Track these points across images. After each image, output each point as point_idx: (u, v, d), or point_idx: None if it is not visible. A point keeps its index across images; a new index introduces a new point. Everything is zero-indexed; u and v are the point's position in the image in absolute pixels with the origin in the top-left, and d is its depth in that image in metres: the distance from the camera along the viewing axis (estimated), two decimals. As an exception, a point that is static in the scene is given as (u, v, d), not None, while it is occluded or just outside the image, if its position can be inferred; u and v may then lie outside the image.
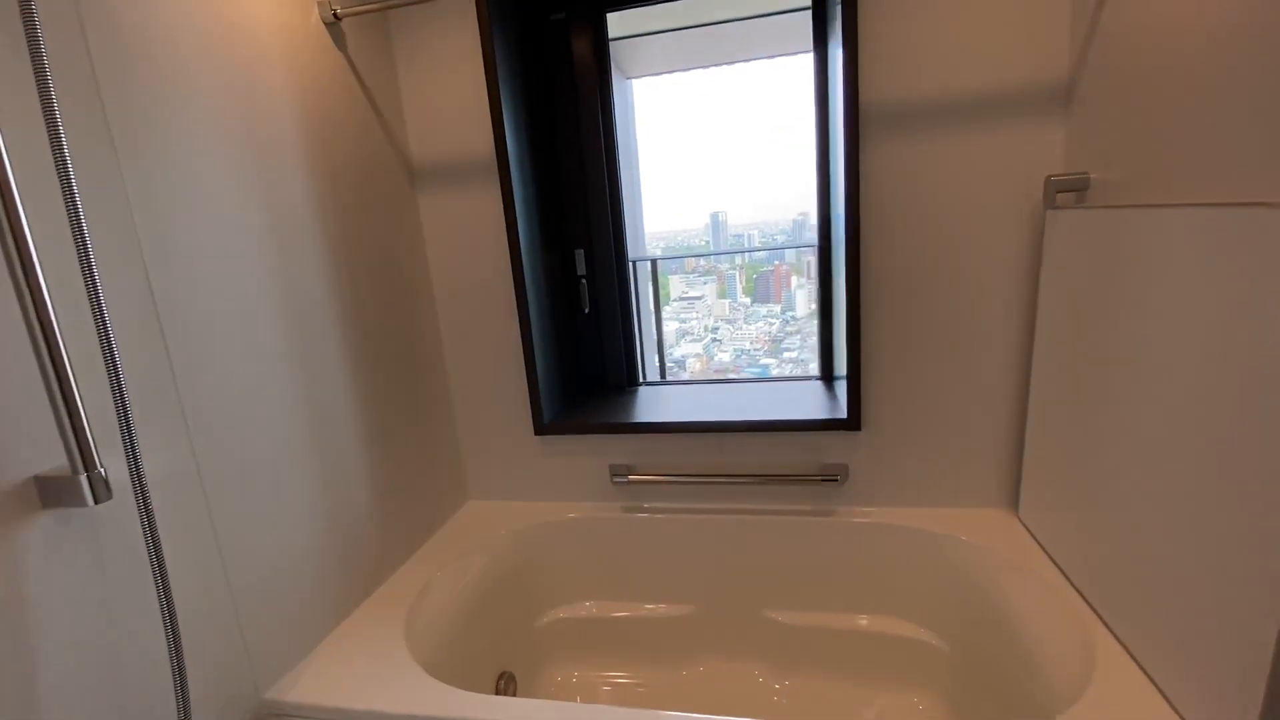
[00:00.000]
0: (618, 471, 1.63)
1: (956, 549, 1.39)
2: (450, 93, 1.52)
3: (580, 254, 1.84)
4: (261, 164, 1.11)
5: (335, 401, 1.27)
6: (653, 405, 1.72)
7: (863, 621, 1.50)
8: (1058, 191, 1.21)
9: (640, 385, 1.94)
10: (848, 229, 1.37)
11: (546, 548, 1.64)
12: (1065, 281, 1.20)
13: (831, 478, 1.48)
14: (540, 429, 1.64)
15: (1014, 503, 1.46)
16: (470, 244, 1.60)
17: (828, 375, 1.81)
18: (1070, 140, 1.25)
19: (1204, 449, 0.85)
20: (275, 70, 1.15)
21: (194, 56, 0.99)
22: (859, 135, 1.32)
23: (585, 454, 1.67)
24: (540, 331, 1.64)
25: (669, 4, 1.71)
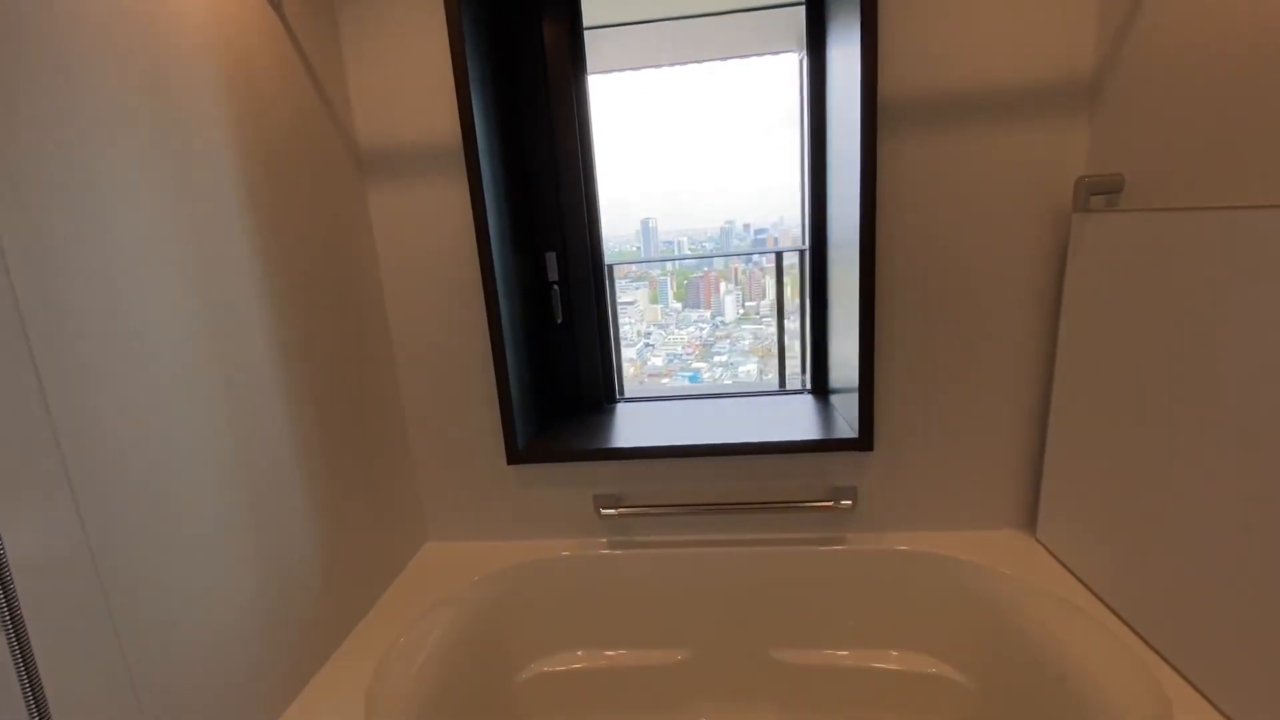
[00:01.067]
0: (604, 502, 1.44)
1: (977, 575, 1.30)
2: (405, 68, 1.30)
3: (552, 257, 1.64)
4: (175, 149, 0.87)
5: (269, 437, 1.03)
6: (637, 425, 1.55)
7: (879, 658, 1.38)
8: (1091, 194, 1.13)
9: (619, 401, 1.77)
10: (863, 233, 1.25)
11: (525, 592, 1.44)
12: (1094, 289, 1.13)
13: (841, 502, 1.36)
14: (514, 457, 1.43)
15: (1031, 523, 1.38)
16: (430, 243, 1.38)
17: (820, 388, 1.70)
18: (1095, 140, 1.18)
19: (1260, 464, 0.80)
20: (193, 37, 0.91)
21: (71, 21, 0.75)
22: (876, 132, 1.20)
23: (566, 484, 1.48)
24: (513, 345, 1.44)
25: None
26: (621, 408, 1.71)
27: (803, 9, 1.53)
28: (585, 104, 1.59)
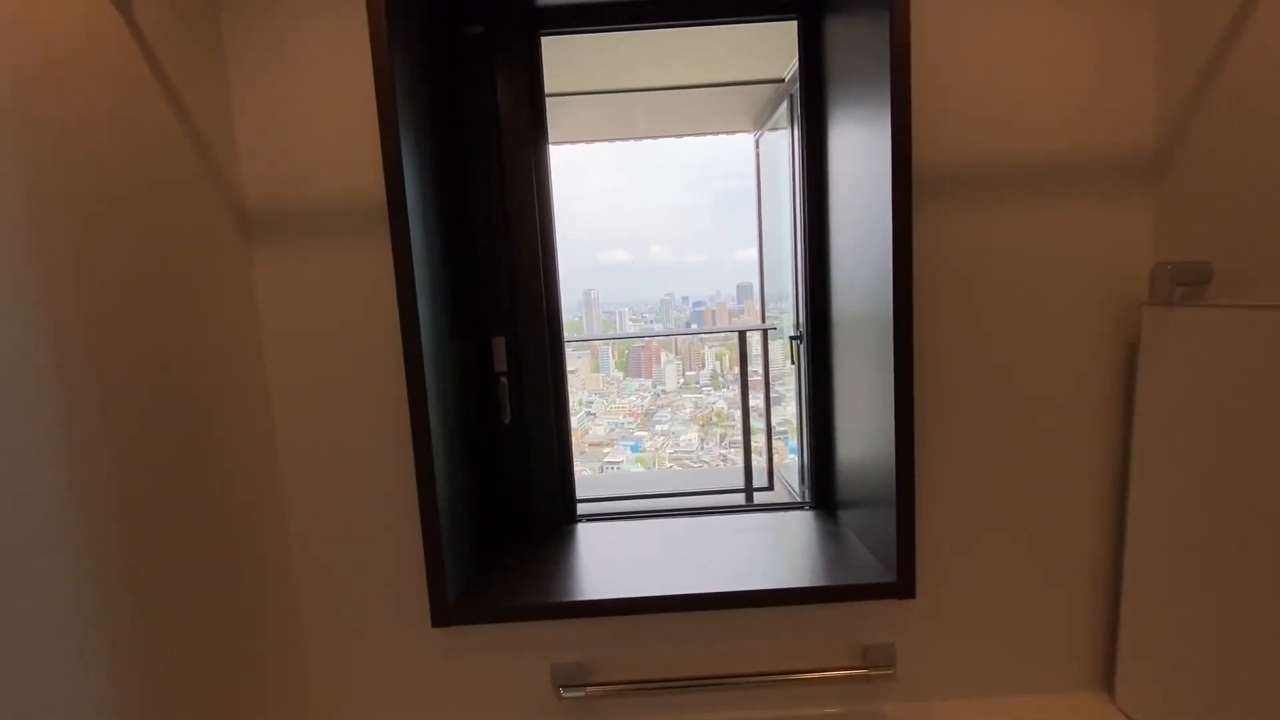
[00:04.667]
0: (565, 676, 1.07)
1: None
2: (313, 103, 1.00)
3: (500, 343, 1.32)
4: None
5: (42, 614, 0.63)
6: (604, 560, 1.20)
7: None
8: (1175, 284, 0.93)
9: (579, 521, 1.42)
10: (897, 323, 1.00)
11: (450, 815, 1.02)
12: (1173, 397, 0.92)
13: (881, 670, 1.05)
14: (442, 616, 1.05)
15: (1108, 683, 1.11)
16: (337, 326, 1.04)
17: (825, 502, 1.41)
18: (1162, 222, 1.00)
19: None
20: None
21: None
22: (911, 212, 0.97)
23: (514, 651, 1.10)
24: (446, 456, 1.09)
25: (610, 57, 1.34)
26: (582, 531, 1.36)
27: (766, 87, 1.35)
28: (545, 171, 1.33)
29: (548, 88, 1.36)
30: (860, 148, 1.08)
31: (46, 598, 0.64)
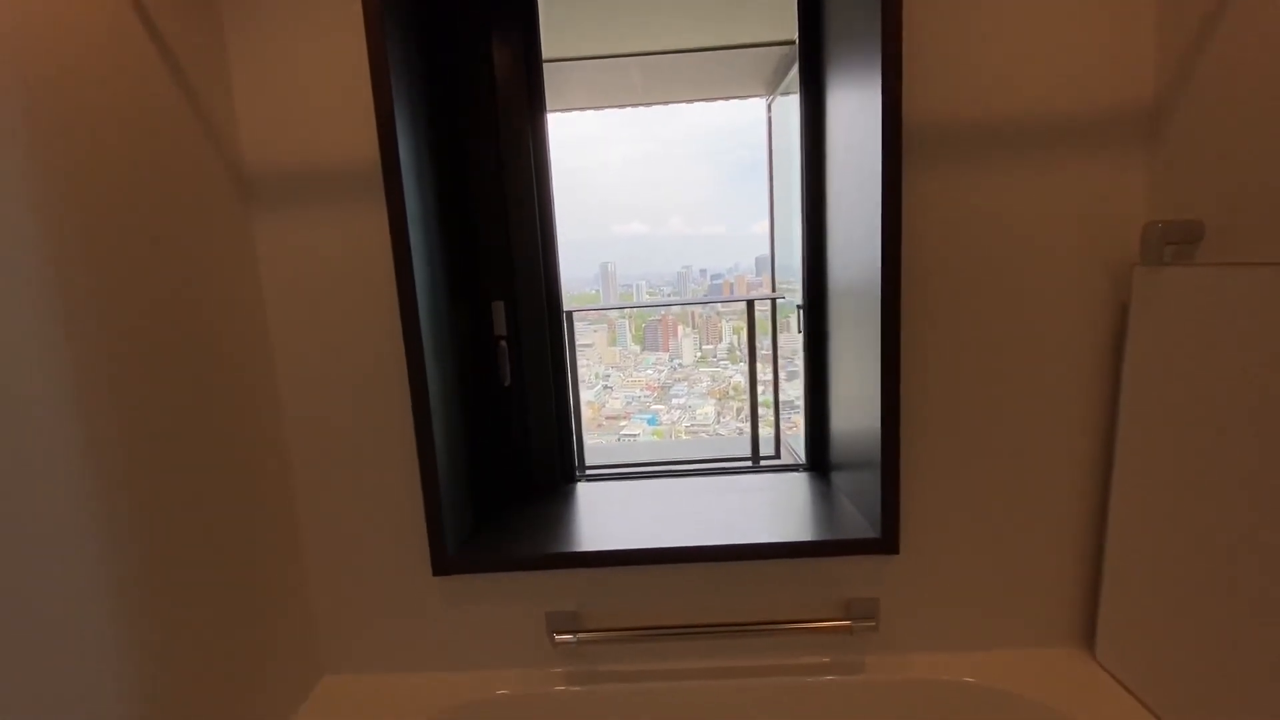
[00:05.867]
0: (559, 624, 1.12)
1: (1026, 709, 1.03)
2: (309, 70, 1.02)
3: (500, 307, 1.35)
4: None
5: (59, 554, 0.69)
6: (600, 516, 1.25)
7: (913, 827, 1.08)
8: (1165, 243, 0.92)
9: (579, 480, 1.46)
10: (885, 288, 1.01)
11: (451, 749, 1.09)
12: (1163, 358, 0.92)
13: (863, 622, 1.08)
14: (441, 565, 1.10)
15: (1089, 639, 1.13)
16: (337, 289, 1.07)
17: (819, 465, 1.43)
18: (1157, 181, 0.99)
19: None
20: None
21: None
22: (900, 173, 0.97)
23: (510, 599, 1.15)
24: (444, 418, 1.13)
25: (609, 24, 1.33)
26: (582, 490, 1.41)
27: (777, 50, 1.34)
28: (543, 138, 1.34)
29: (553, 53, 1.36)
30: (854, 111, 1.07)
31: (65, 539, 0.69)
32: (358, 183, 1.05)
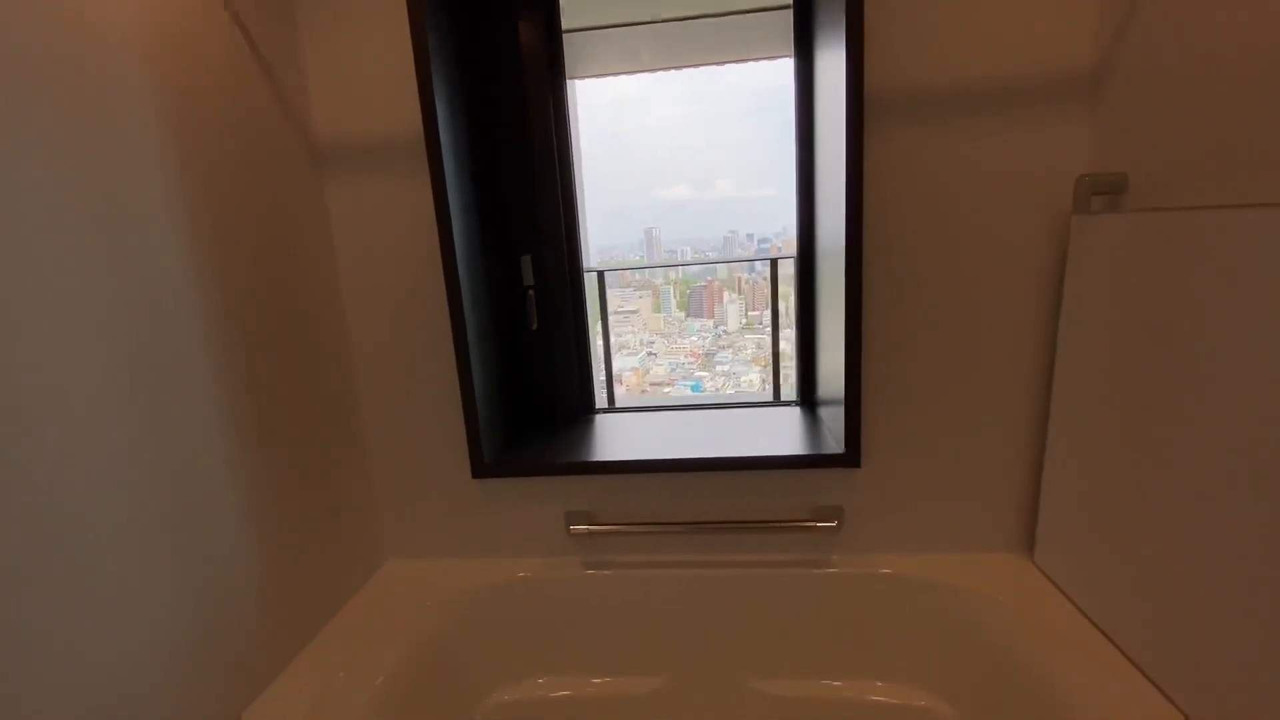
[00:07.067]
0: (575, 519, 1.36)
1: (969, 601, 1.21)
2: (367, 59, 1.23)
3: (527, 261, 1.57)
4: (91, 143, 0.79)
5: (200, 447, 0.95)
6: (612, 438, 1.47)
7: (867, 689, 1.29)
8: (1092, 193, 1.05)
9: (596, 413, 1.68)
10: (849, 239, 1.17)
11: (488, 614, 1.35)
12: (1094, 295, 1.05)
13: (827, 522, 1.27)
14: (480, 470, 1.35)
15: (1029, 545, 1.29)
16: (393, 243, 1.30)
17: (808, 400, 1.61)
18: (1097, 138, 1.11)
19: (1271, 484, 0.73)
20: (120, 21, 0.84)
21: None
22: (862, 133, 1.12)
23: (535, 499, 1.39)
24: (480, 352, 1.36)
25: None
26: (600, 420, 1.63)
27: (790, 12, 1.47)
28: (563, 105, 1.52)
29: (577, 22, 1.53)
30: (830, 73, 1.21)
31: (201, 427, 0.96)
32: (407, 151, 1.27)
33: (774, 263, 3.07)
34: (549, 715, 1.35)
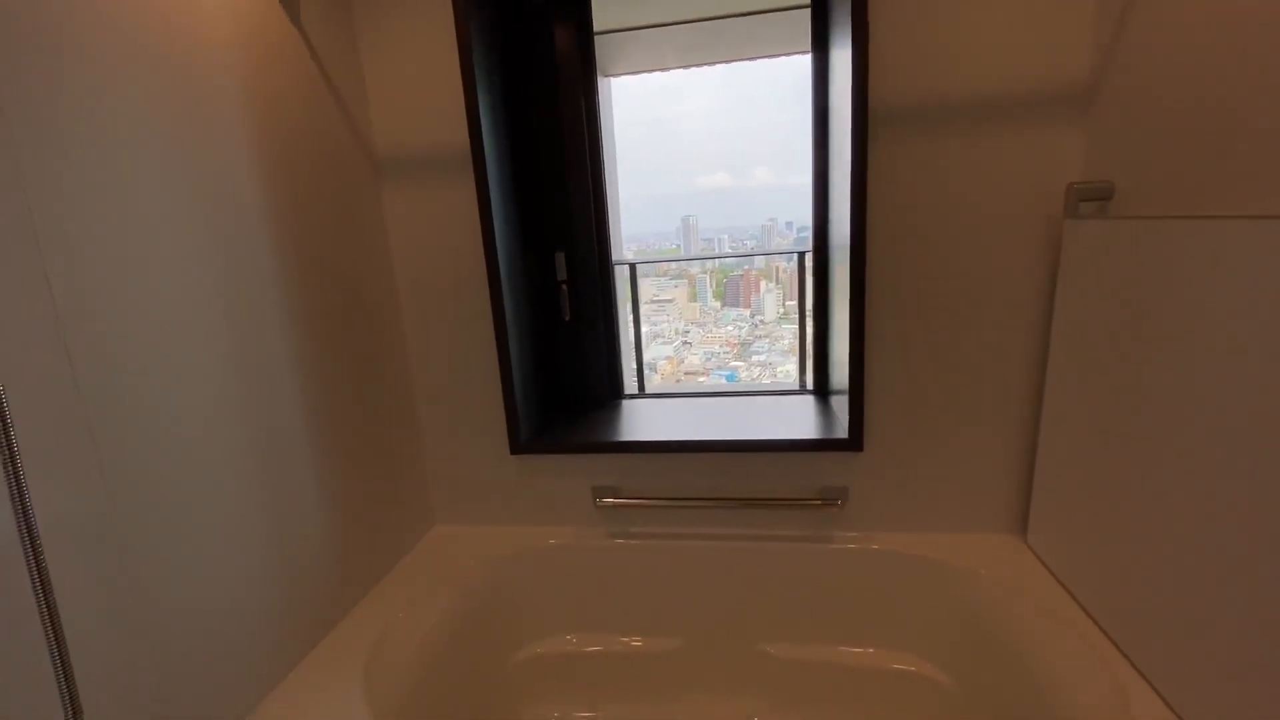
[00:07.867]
0: (602, 493, 1.50)
1: (962, 578, 1.31)
2: (420, 78, 1.38)
3: (561, 257, 1.71)
4: (198, 148, 0.96)
5: (284, 419, 1.12)
6: (638, 421, 1.60)
7: (864, 655, 1.40)
8: (1080, 200, 1.13)
9: (624, 399, 1.82)
10: (853, 236, 1.27)
11: (523, 577, 1.51)
12: (1084, 296, 1.13)
13: (831, 501, 1.39)
14: (517, 447, 1.50)
15: (1022, 528, 1.38)
16: (441, 243, 1.46)
17: (822, 389, 1.72)
18: (1091, 146, 1.18)
19: (1252, 478, 0.78)
20: (217, 45, 1.00)
21: (108, 29, 0.84)
22: (867, 137, 1.22)
23: (566, 474, 1.54)
24: (518, 341, 1.51)
25: None
26: (629, 405, 1.77)
27: (808, 11, 1.55)
28: (594, 106, 1.65)
29: (610, 24, 1.63)
30: (843, 75, 1.30)
31: (285, 401, 1.13)
32: (454, 159, 1.41)
33: (801, 256, 3.16)
34: (577, 668, 1.51)
